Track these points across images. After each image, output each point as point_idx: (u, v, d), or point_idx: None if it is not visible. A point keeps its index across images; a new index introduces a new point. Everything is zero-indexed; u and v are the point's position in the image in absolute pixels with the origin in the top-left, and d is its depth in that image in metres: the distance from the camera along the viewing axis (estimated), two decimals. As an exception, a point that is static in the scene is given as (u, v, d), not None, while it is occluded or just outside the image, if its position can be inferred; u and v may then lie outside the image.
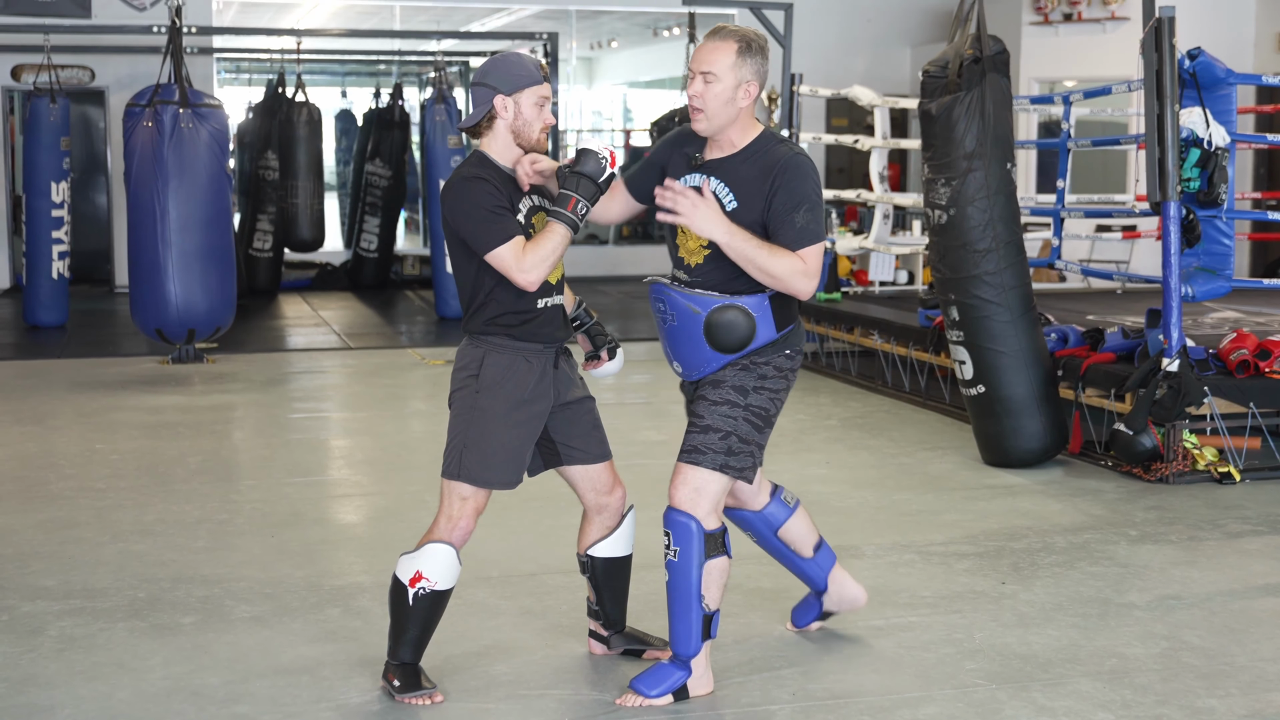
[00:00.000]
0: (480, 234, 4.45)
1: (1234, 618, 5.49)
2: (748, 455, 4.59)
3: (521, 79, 4.56)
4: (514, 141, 4.60)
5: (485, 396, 4.58)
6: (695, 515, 4.53)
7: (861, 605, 5.21)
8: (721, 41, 4.56)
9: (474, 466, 4.57)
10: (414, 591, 4.55)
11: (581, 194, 4.52)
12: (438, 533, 4.60)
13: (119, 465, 8.13)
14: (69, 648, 5.11)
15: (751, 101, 4.59)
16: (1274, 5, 16.95)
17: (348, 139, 20.57)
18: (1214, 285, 8.32)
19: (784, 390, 4.67)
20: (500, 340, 4.60)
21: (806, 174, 4.51)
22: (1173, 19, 7.54)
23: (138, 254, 11.14)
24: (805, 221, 4.47)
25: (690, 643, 4.58)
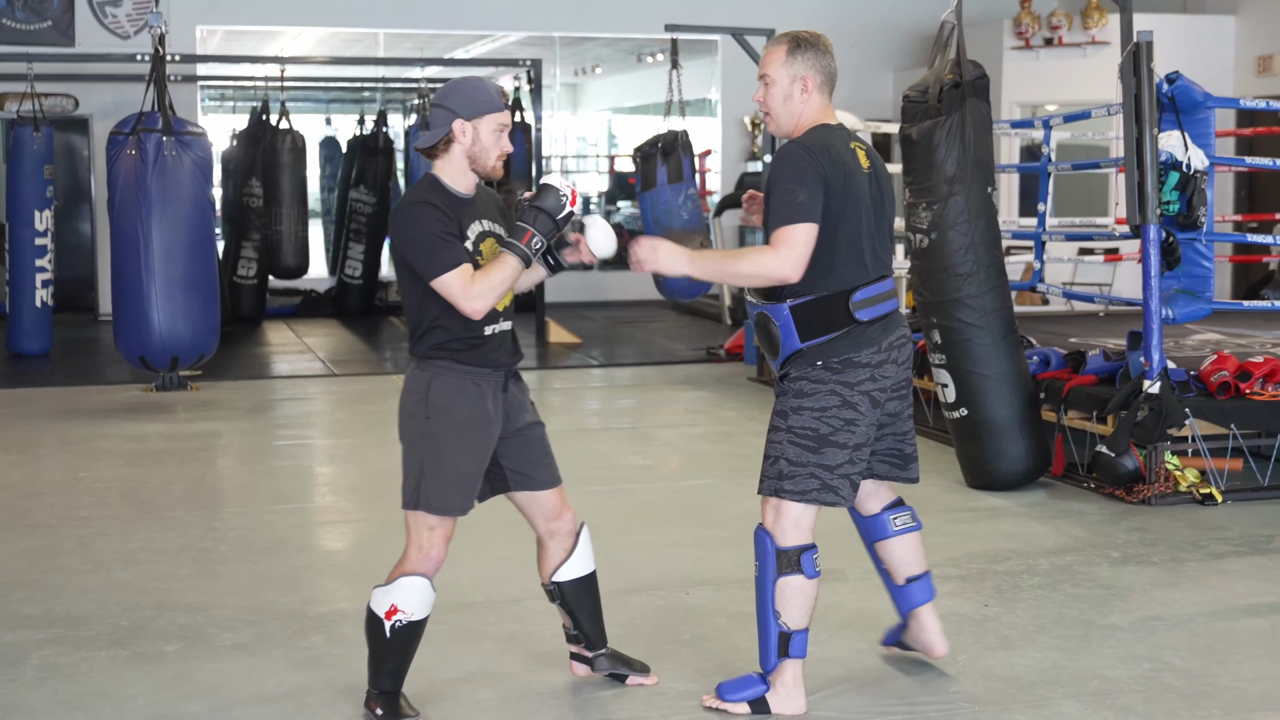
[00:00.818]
0: (427, 260, 4.43)
1: (1216, 639, 5.53)
2: (807, 478, 4.57)
3: (482, 105, 4.53)
4: (469, 167, 4.56)
5: (435, 422, 4.56)
6: (772, 532, 4.59)
7: (936, 655, 5.12)
8: (774, 45, 4.68)
9: (431, 494, 4.56)
10: (390, 624, 4.56)
11: (538, 228, 4.49)
12: (409, 564, 4.60)
13: (103, 493, 8.14)
14: (51, 676, 5.10)
15: (811, 95, 4.64)
16: (1253, 30, 17.05)
17: (332, 166, 20.57)
18: (1194, 307, 8.36)
19: (838, 406, 4.58)
20: (447, 364, 4.57)
21: (785, 159, 4.54)
22: (1150, 43, 7.60)
23: (121, 282, 11.11)
24: (776, 204, 4.51)
25: (768, 658, 4.63)
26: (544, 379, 12.75)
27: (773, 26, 13.43)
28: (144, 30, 16.79)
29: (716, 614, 5.80)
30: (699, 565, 6.55)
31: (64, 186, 17.76)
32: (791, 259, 4.46)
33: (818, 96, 4.66)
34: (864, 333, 4.61)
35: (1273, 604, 5.98)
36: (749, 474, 8.42)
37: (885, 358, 4.65)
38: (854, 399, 4.59)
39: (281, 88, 17.04)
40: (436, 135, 4.56)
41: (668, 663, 5.21)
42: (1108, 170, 13.87)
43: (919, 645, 5.13)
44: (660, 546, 6.91)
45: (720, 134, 19.66)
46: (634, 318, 17.76)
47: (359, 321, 17.47)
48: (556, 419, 10.51)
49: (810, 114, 4.67)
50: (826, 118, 4.68)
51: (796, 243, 4.46)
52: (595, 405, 11.82)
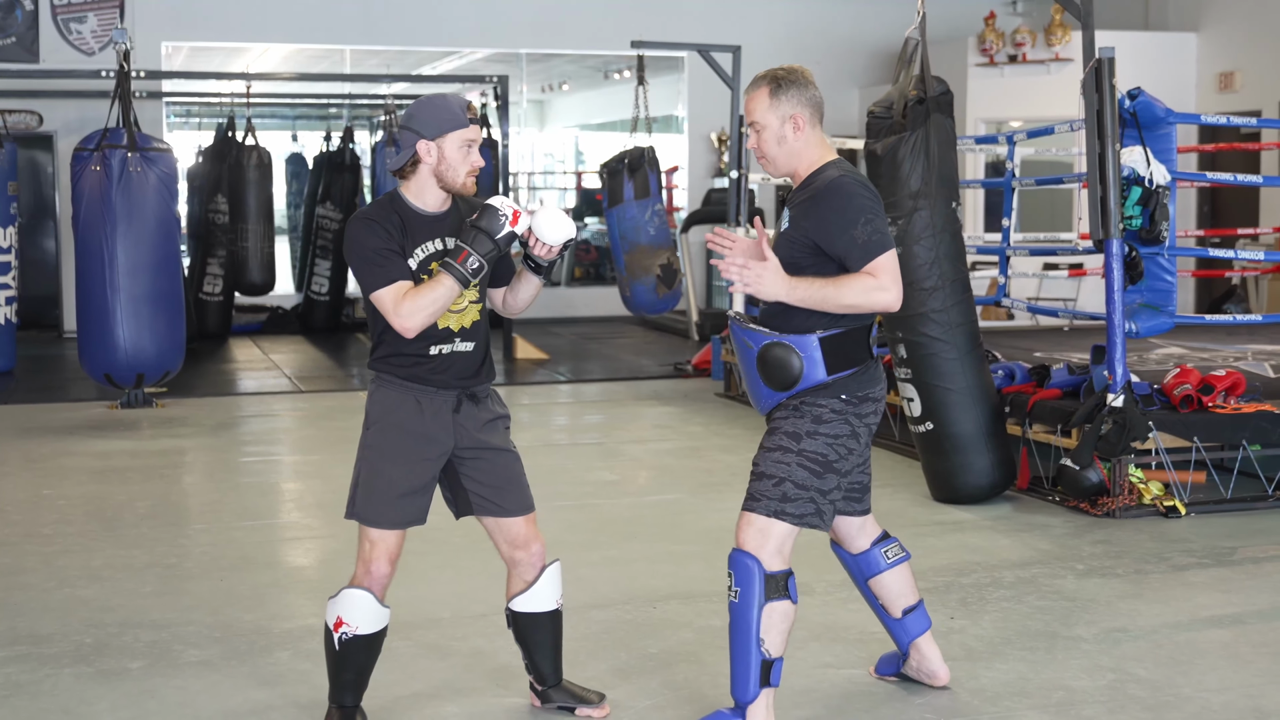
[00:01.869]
0: (364, 274, 4.46)
1: (1180, 650, 5.55)
2: (807, 502, 4.53)
3: (445, 123, 4.52)
4: (437, 185, 4.55)
5: (372, 433, 4.59)
6: (759, 557, 4.49)
7: (939, 684, 5.08)
8: (754, 90, 4.66)
9: (363, 506, 4.56)
10: (338, 636, 4.57)
11: (476, 248, 4.44)
12: (355, 578, 4.60)
13: (67, 510, 8.11)
14: (15, 694, 5.08)
15: (804, 131, 4.62)
16: (1215, 46, 17.21)
17: (298, 182, 20.57)
18: (1157, 321, 8.40)
19: (848, 436, 4.58)
20: (389, 378, 4.58)
21: (851, 192, 4.49)
22: (1112, 60, 7.67)
23: (86, 298, 11.11)
24: (866, 235, 4.44)
25: (747, 688, 4.50)
26: (512, 395, 12.74)
27: (738, 44, 13.57)
28: (109, 47, 16.76)
29: (683, 628, 5.80)
30: (666, 580, 6.55)
31: (28, 203, 17.70)
32: (896, 288, 4.45)
33: (812, 131, 4.64)
34: (874, 369, 4.65)
35: (1235, 615, 6.02)
36: (716, 489, 8.51)
37: (882, 392, 4.70)
38: (859, 430, 4.61)
39: (247, 104, 17.06)
40: (404, 157, 4.55)
41: (634, 677, 5.21)
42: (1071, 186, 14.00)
43: (922, 675, 5.10)
44: (627, 561, 6.92)
45: (687, 150, 19.72)
46: (601, 333, 17.80)
47: (325, 338, 17.47)
48: (524, 434, 10.52)
49: (812, 150, 4.64)
50: (827, 151, 4.66)
51: (895, 270, 4.46)
52: (563, 421, 11.83)
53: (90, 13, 17.19)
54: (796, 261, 4.55)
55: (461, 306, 4.58)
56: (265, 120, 20.53)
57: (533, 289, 4.82)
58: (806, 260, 4.54)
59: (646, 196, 13.23)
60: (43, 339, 17.18)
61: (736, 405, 11.92)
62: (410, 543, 5.86)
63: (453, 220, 4.60)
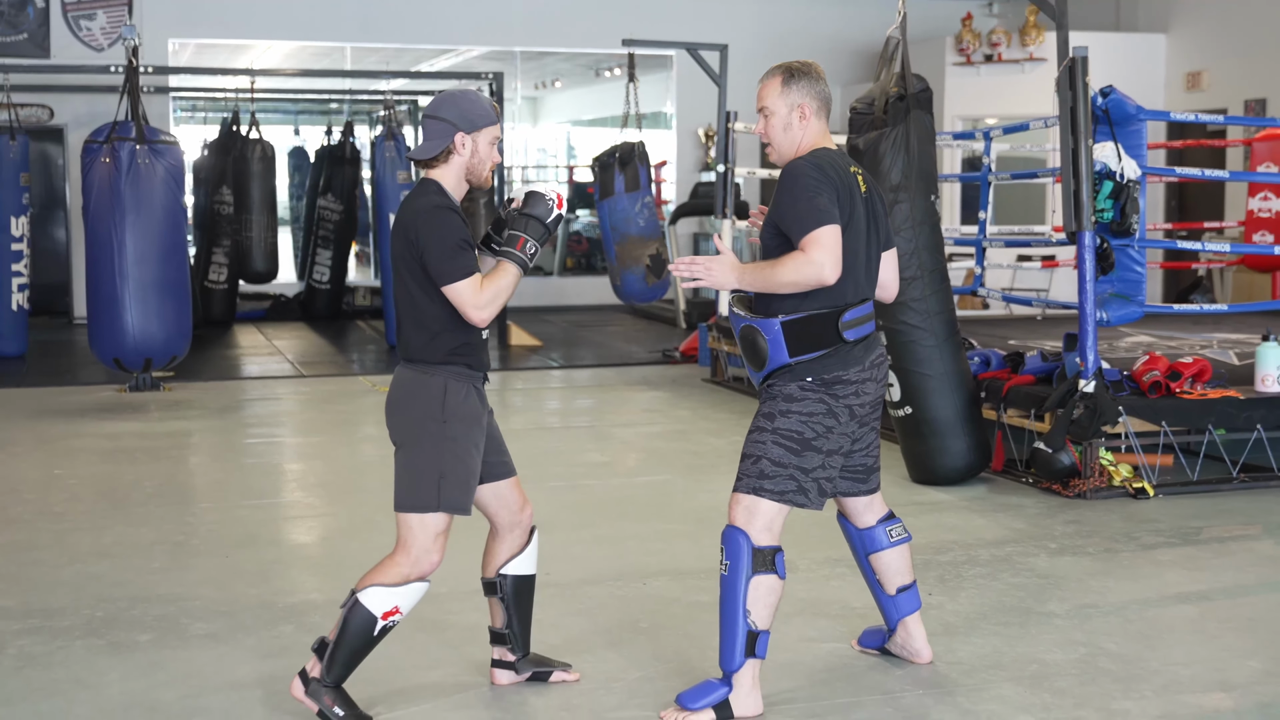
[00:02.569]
0: (445, 265, 4.40)
1: (1148, 625, 5.64)
2: (786, 479, 4.60)
3: (480, 118, 4.53)
4: (465, 177, 4.56)
5: (453, 426, 4.51)
6: (747, 532, 4.57)
7: (922, 661, 5.13)
8: (769, 78, 4.78)
9: (454, 495, 4.53)
10: (384, 624, 4.51)
11: (530, 234, 4.50)
12: (415, 568, 4.55)
13: (77, 490, 8.18)
14: (28, 665, 5.16)
15: (809, 121, 4.74)
16: (1183, 47, 17.27)
17: (300, 175, 20.63)
18: (1127, 310, 8.46)
19: (824, 414, 4.62)
20: (459, 369, 4.54)
21: (799, 172, 4.58)
22: (1085, 58, 7.71)
23: (96, 286, 11.21)
24: (804, 210, 4.51)
25: (733, 658, 4.57)
26: (505, 380, 12.80)
27: (726, 42, 13.71)
28: (118, 43, 16.88)
29: (673, 603, 5.86)
30: (656, 557, 6.62)
31: (39, 194, 17.80)
32: (827, 259, 4.48)
33: (816, 122, 4.74)
34: (850, 351, 4.65)
35: (1202, 592, 6.08)
36: (704, 470, 8.58)
37: (868, 375, 4.70)
38: (837, 409, 4.64)
39: (252, 99, 17.12)
40: (437, 146, 4.53)
41: (626, 650, 5.29)
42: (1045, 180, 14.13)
43: (906, 652, 5.16)
44: (618, 540, 6.98)
45: (675, 145, 19.82)
46: (592, 321, 17.85)
47: (326, 325, 17.59)
48: (517, 418, 10.66)
49: (809, 138, 4.74)
50: (825, 141, 4.75)
51: (827, 243, 4.48)
52: (555, 405, 11.89)
53: (99, 10, 17.29)
54: (767, 245, 4.70)
55: None
56: (269, 115, 20.57)
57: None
58: (774, 243, 4.66)
59: (636, 189, 13.32)
60: (53, 325, 17.27)
61: (723, 390, 12.02)
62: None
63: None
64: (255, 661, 5.21)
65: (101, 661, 5.20)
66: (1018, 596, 5.99)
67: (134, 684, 4.97)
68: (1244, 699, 4.84)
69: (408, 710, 4.75)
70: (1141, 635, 5.49)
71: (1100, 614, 5.77)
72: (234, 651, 5.32)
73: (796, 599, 5.86)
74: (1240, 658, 5.24)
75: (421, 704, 4.80)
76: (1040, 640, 5.41)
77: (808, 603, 5.83)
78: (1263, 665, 5.16)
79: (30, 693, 4.89)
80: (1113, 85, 8.33)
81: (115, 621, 5.68)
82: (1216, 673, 5.07)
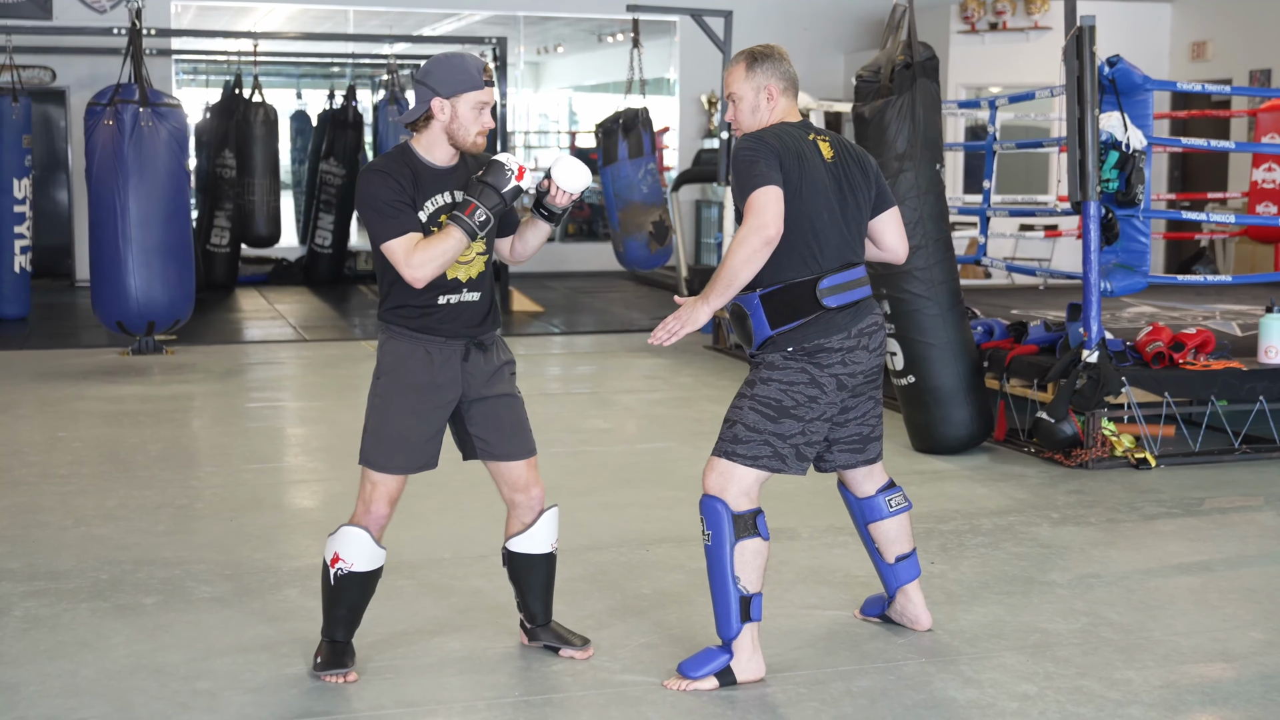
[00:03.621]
0: (376, 225, 4.50)
1: (1150, 595, 5.65)
2: (761, 444, 4.62)
3: (461, 83, 4.55)
4: (448, 142, 4.60)
5: (382, 382, 4.67)
6: (724, 499, 4.60)
7: (921, 628, 5.16)
8: (733, 65, 4.82)
9: (371, 451, 4.65)
10: (334, 571, 4.65)
11: (483, 202, 4.51)
12: (354, 516, 4.69)
13: (81, 452, 8.20)
14: (34, 627, 5.18)
15: (777, 101, 4.76)
16: (1189, 17, 17.25)
17: (303, 139, 20.61)
18: (1131, 281, 8.45)
19: (806, 384, 4.63)
20: (399, 329, 4.65)
21: (736, 151, 4.64)
22: (1093, 28, 7.70)
23: (99, 249, 11.23)
24: (743, 181, 4.56)
25: (730, 625, 4.61)
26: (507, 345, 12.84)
27: (730, 9, 13.66)
28: (120, 4, 16.85)
29: (675, 570, 5.89)
30: (658, 524, 6.64)
31: (41, 156, 17.79)
32: (765, 218, 4.49)
33: (783, 100, 4.76)
34: (833, 319, 4.65)
35: (1203, 562, 6.11)
36: (706, 437, 8.53)
37: (856, 344, 4.69)
38: (822, 379, 4.64)
39: (254, 62, 17.11)
40: (417, 111, 4.59)
41: (628, 617, 5.31)
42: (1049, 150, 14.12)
43: (905, 619, 5.18)
44: (620, 506, 7.01)
45: (678, 112, 19.75)
46: (594, 288, 17.87)
47: (328, 289, 17.60)
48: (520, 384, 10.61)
49: (776, 118, 4.76)
50: (789, 118, 4.77)
51: (764, 204, 4.50)
52: (557, 371, 11.90)
53: (102, -29, 17.33)
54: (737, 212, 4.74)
55: (469, 258, 4.63)
56: (271, 78, 20.53)
57: (541, 236, 4.88)
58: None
59: (640, 156, 13.32)
60: (56, 287, 17.30)
61: (724, 358, 12.06)
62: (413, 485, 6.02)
63: (460, 175, 4.65)
64: (260, 625, 5.23)
65: (107, 624, 5.22)
66: (1020, 566, 6.01)
67: (140, 646, 5.00)
68: (1245, 669, 4.86)
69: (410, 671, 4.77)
70: (1143, 605, 5.51)
71: (1102, 584, 5.79)
72: (239, 615, 5.35)
73: (799, 567, 5.89)
74: (1241, 628, 5.26)
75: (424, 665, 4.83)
76: (1042, 610, 5.43)
77: (810, 571, 5.85)
78: (1264, 635, 5.18)
79: (36, 655, 4.91)
80: (1119, 55, 8.29)
81: (120, 584, 5.70)
82: (1218, 643, 5.09)
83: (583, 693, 4.64)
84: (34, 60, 16.48)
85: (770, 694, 4.61)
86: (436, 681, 4.70)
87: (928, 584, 5.60)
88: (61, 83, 17.28)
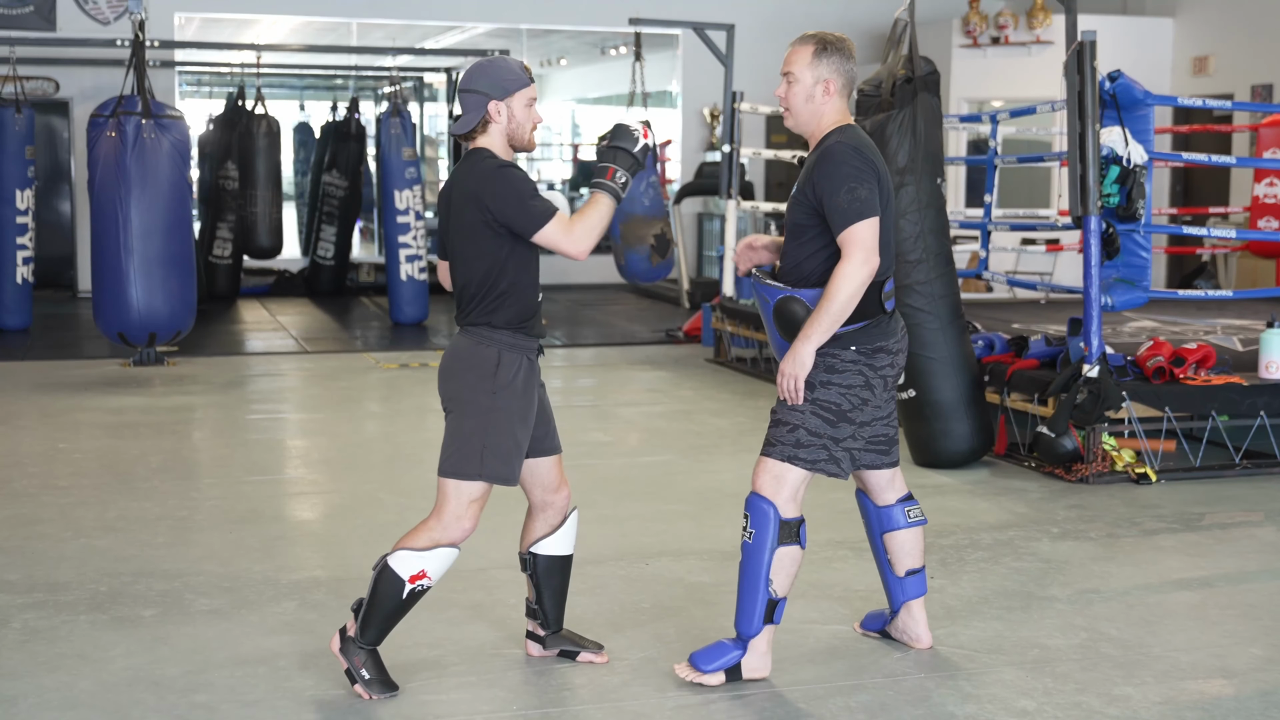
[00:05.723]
0: (526, 215, 4.45)
1: (1150, 610, 5.65)
2: (820, 448, 4.66)
3: (512, 82, 4.56)
4: (507, 143, 4.60)
5: (503, 397, 4.55)
6: (774, 501, 4.63)
7: (922, 647, 5.14)
8: (801, 44, 4.77)
9: (496, 465, 4.55)
10: (412, 588, 4.56)
11: (619, 164, 4.56)
12: (445, 534, 4.58)
13: (82, 464, 8.20)
14: (32, 639, 5.18)
15: (832, 98, 4.72)
16: (1190, 31, 17.26)
17: (305, 150, 20.68)
18: (1132, 296, 8.45)
19: (861, 386, 4.68)
20: (513, 339, 4.59)
21: (840, 158, 4.59)
22: (1094, 43, 7.71)
23: (100, 260, 11.23)
24: (846, 202, 4.53)
25: (752, 623, 4.67)
26: None
27: (732, 22, 13.71)
28: (124, 16, 16.89)
29: (675, 584, 5.88)
30: (658, 537, 6.64)
31: (44, 167, 17.81)
32: (872, 254, 4.53)
33: (838, 99, 4.73)
34: (888, 322, 4.73)
35: (1203, 578, 6.09)
36: (706, 451, 8.59)
37: (900, 346, 4.78)
38: (874, 381, 4.70)
39: (257, 74, 17.15)
40: (474, 119, 4.58)
41: (628, 630, 5.31)
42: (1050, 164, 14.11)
43: (906, 636, 5.17)
44: (621, 519, 7.00)
45: (680, 125, 19.78)
46: (596, 300, 17.85)
47: (330, 301, 17.62)
48: None
49: (831, 115, 4.73)
50: (847, 119, 4.76)
51: (867, 240, 4.53)
52: (558, 383, 11.80)
53: (106, -17, 17.36)
54: (800, 223, 4.70)
55: None
56: (274, 90, 20.62)
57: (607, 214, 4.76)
58: (809, 220, 4.67)
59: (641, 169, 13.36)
60: (58, 298, 17.31)
61: (726, 371, 12.03)
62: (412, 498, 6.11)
63: None
64: (259, 637, 5.22)
65: (105, 636, 5.22)
66: (1019, 581, 6.01)
67: (138, 659, 4.99)
68: (1245, 685, 4.85)
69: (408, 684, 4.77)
70: (1143, 621, 5.50)
71: (1102, 599, 5.78)
72: (237, 627, 5.34)
73: (800, 580, 5.83)
74: (1241, 644, 5.26)
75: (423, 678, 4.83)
76: (1042, 625, 5.43)
77: (811, 584, 5.84)
78: (1264, 652, 5.18)
79: (34, 667, 4.90)
80: (1120, 70, 8.30)
81: (119, 596, 5.70)
82: (1218, 659, 5.08)
83: (581, 706, 4.64)
84: (37, 71, 16.53)
85: (769, 708, 4.61)
86: (435, 695, 4.70)
87: (927, 598, 5.57)
88: (65, 94, 17.32)
